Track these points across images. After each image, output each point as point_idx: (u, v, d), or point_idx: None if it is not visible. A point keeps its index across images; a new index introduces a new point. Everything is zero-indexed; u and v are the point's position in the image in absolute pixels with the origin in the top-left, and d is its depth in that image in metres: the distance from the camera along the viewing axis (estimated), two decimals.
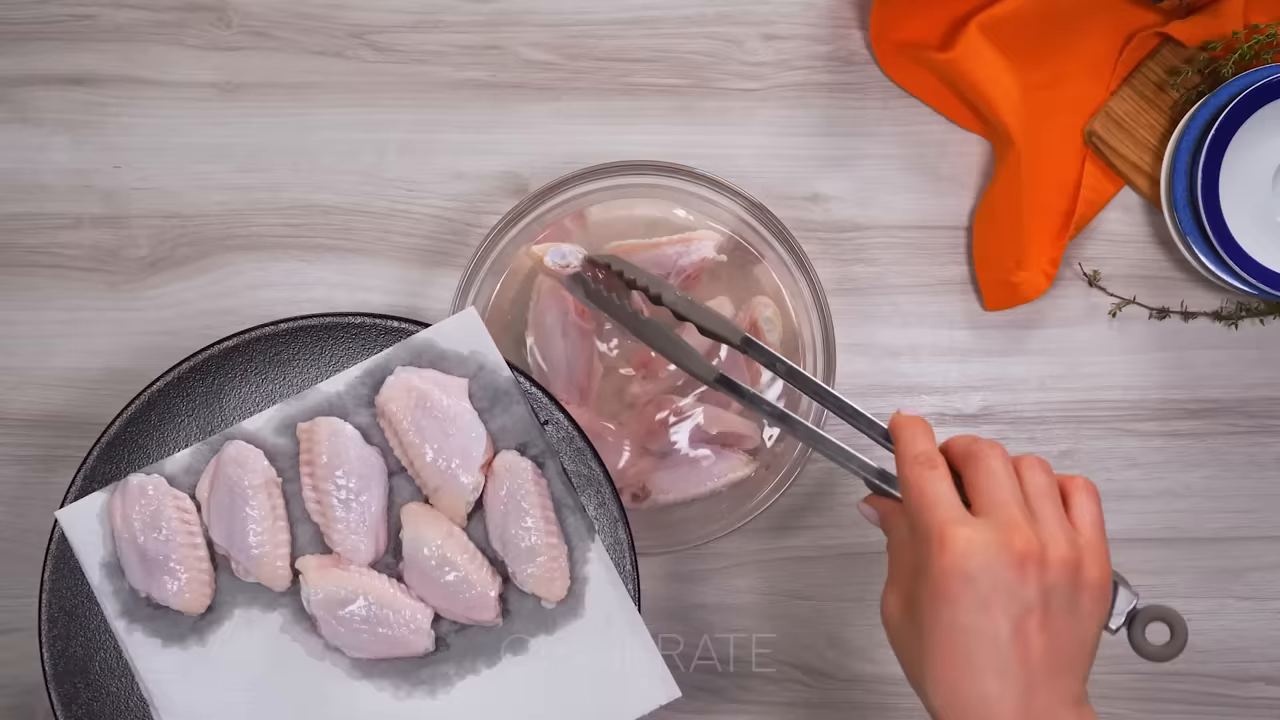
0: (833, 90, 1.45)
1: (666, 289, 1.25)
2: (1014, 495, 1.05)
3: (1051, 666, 1.01)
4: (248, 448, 1.24)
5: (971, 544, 1.01)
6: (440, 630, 1.25)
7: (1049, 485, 1.07)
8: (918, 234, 1.44)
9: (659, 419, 1.37)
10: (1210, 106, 1.38)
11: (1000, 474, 1.06)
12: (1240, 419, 1.44)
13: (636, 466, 1.38)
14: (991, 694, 1.00)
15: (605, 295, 1.29)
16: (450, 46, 1.44)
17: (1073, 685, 1.02)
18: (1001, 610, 1.00)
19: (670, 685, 1.25)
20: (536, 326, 1.37)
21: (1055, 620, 1.02)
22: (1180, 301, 1.44)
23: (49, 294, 1.43)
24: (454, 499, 1.23)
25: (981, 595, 1.00)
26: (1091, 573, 1.03)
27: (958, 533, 1.01)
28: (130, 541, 1.23)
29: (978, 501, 1.05)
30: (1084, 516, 1.06)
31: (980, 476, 1.06)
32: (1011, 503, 1.04)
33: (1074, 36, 1.42)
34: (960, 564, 1.00)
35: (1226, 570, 1.44)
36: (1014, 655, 1.00)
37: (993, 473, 1.06)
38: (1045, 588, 1.01)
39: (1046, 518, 1.04)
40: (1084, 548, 1.04)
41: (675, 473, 1.37)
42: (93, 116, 1.44)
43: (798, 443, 1.35)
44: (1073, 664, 1.02)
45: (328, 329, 1.26)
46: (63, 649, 1.25)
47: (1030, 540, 1.02)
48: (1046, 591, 1.01)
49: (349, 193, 1.44)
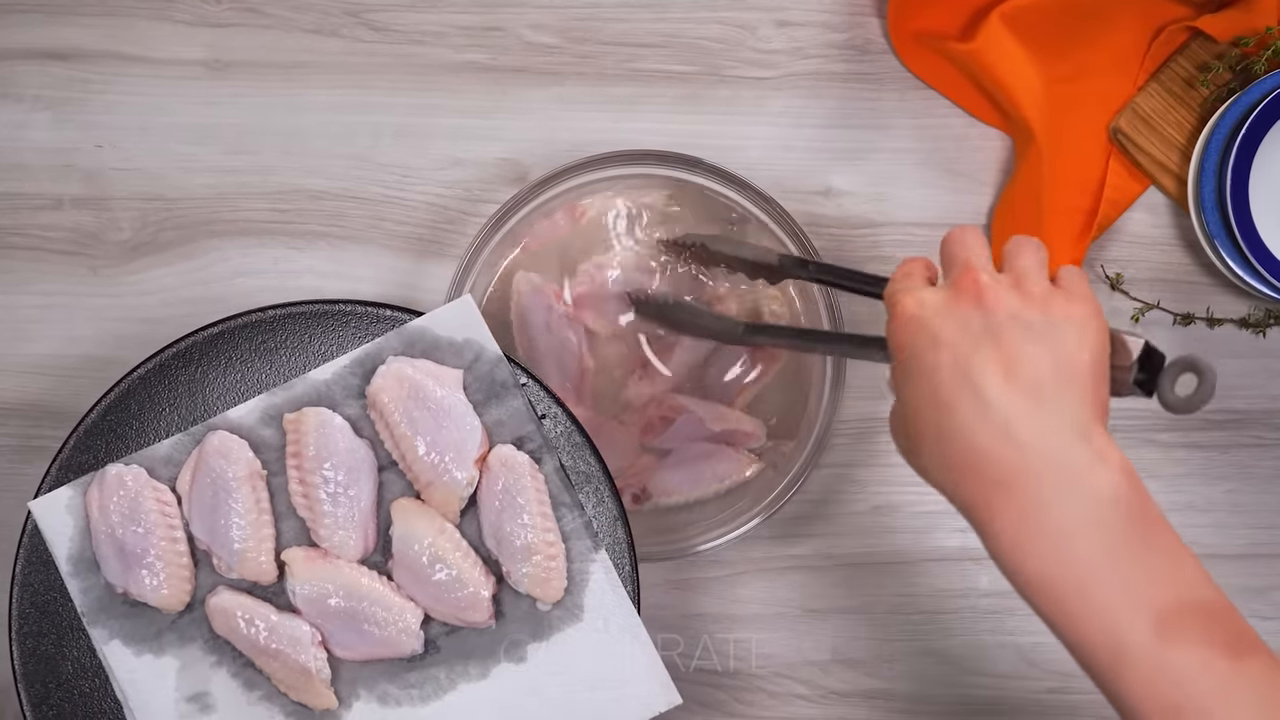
0: (848, 80, 1.45)
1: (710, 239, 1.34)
2: (978, 256, 1.02)
3: (1033, 393, 0.96)
4: (231, 438, 1.24)
5: (921, 299, 1.01)
6: (430, 632, 1.24)
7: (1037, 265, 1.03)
8: (934, 232, 1.44)
9: (659, 417, 1.36)
10: (1241, 105, 1.37)
11: (966, 239, 1.04)
12: (1266, 431, 1.44)
13: (636, 466, 1.37)
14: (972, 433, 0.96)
15: None
16: (449, 27, 1.44)
17: (1068, 413, 0.97)
18: (956, 339, 0.98)
19: (671, 691, 1.24)
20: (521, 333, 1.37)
21: (1022, 344, 0.98)
22: (1206, 307, 1.44)
23: (26, 277, 1.43)
24: (447, 494, 1.23)
25: (932, 332, 0.99)
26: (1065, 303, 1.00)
27: (908, 295, 1.02)
28: (107, 534, 1.22)
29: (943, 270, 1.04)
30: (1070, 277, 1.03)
31: (947, 248, 1.05)
32: (973, 259, 1.02)
33: (1100, 29, 1.42)
34: (911, 312, 1.00)
35: (1249, 588, 1.43)
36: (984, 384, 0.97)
37: (958, 239, 1.04)
38: (1006, 314, 0.98)
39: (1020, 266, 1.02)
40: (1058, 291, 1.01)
41: (677, 473, 1.37)
42: (74, 93, 1.44)
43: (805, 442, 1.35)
44: (1062, 390, 0.97)
45: (317, 316, 1.26)
46: (33, 647, 1.24)
47: (982, 279, 0.99)
48: (1008, 317, 0.98)
49: (341, 178, 1.44)
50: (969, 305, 0.99)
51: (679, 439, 1.37)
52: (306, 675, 1.22)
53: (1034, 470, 0.95)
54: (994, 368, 0.97)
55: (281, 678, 1.23)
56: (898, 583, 1.43)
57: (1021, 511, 0.95)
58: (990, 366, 0.97)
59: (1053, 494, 0.95)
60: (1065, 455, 0.96)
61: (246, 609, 1.23)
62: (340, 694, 1.24)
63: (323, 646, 1.23)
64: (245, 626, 1.22)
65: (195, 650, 1.24)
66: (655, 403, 1.37)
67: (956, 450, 0.97)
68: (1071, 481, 0.95)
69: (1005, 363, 0.97)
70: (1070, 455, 0.96)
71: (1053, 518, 0.95)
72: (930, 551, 1.43)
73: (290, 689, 1.23)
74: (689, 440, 1.37)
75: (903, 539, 1.43)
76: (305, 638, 1.22)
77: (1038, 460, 0.95)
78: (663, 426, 1.37)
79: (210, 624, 1.23)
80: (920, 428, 1.00)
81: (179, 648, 1.24)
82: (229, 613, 1.22)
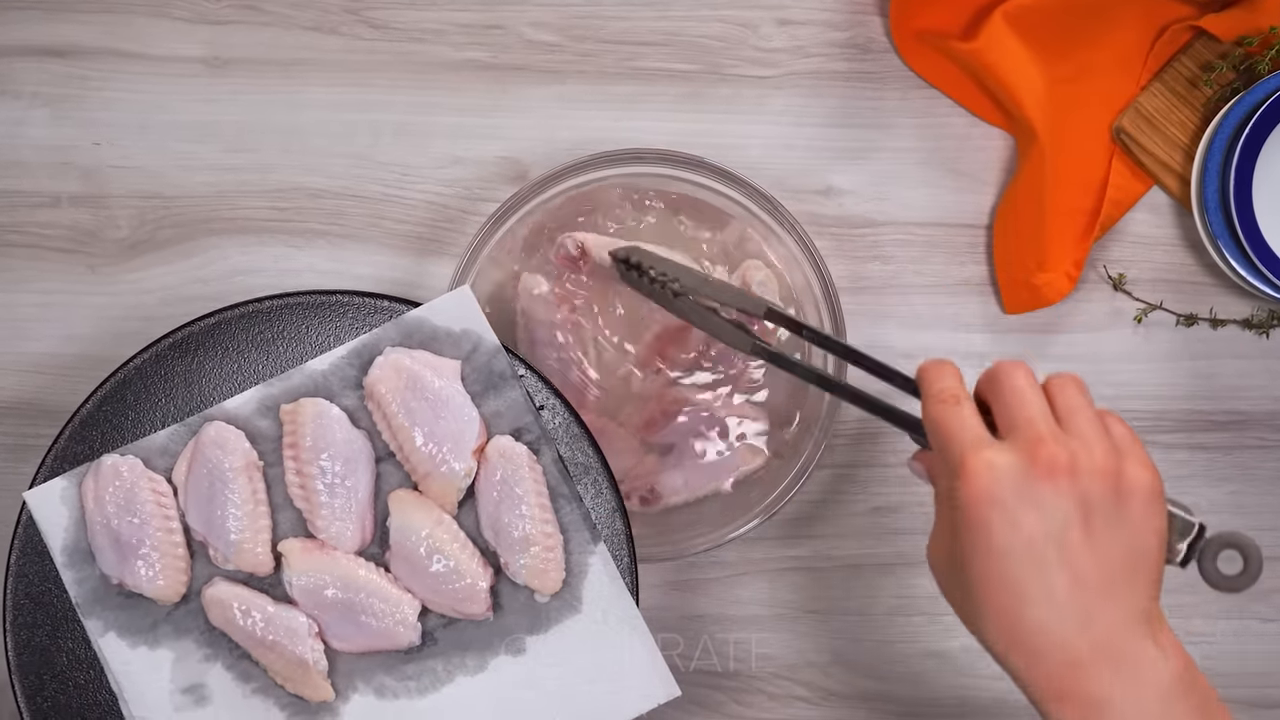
0: (849, 79, 1.45)
1: (685, 274, 1.28)
2: (1040, 411, 1.01)
3: (1107, 583, 0.98)
4: (228, 429, 1.24)
5: (993, 466, 0.98)
6: (428, 624, 1.24)
7: (1082, 401, 1.03)
8: (935, 231, 1.44)
9: (660, 411, 1.36)
10: (1245, 104, 1.37)
11: (1023, 390, 1.02)
12: (1269, 433, 1.44)
13: (642, 467, 1.37)
14: (1046, 621, 0.97)
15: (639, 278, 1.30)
16: (450, 25, 1.44)
17: (1137, 601, 0.98)
18: (1035, 527, 0.97)
19: (670, 683, 1.24)
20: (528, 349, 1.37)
21: (1100, 532, 0.98)
22: (1209, 308, 1.44)
23: (24, 275, 1.43)
24: (445, 485, 1.23)
25: (1011, 516, 0.97)
26: (1135, 477, 1.00)
27: (979, 457, 0.99)
28: (103, 525, 1.22)
29: (1002, 424, 1.02)
30: (1117, 429, 1.02)
31: (1003, 398, 1.03)
32: (1038, 419, 1.00)
33: (1103, 28, 1.42)
34: (985, 487, 0.98)
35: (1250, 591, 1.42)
36: (1060, 575, 0.97)
37: (1015, 390, 1.03)
38: (1082, 499, 0.98)
39: (1081, 430, 1.01)
40: (1124, 453, 1.00)
41: (684, 471, 1.36)
42: (73, 90, 1.44)
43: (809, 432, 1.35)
44: (1133, 577, 0.99)
45: (314, 307, 1.26)
46: (28, 639, 1.23)
47: (1056, 451, 0.98)
48: (1084, 503, 0.98)
49: (341, 176, 1.44)
50: (1046, 486, 0.98)
51: (682, 433, 1.37)
52: (303, 667, 1.22)
53: (1103, 661, 0.97)
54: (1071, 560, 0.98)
55: (278, 669, 1.22)
56: (898, 584, 1.43)
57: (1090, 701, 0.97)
58: (1068, 558, 0.98)
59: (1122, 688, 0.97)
60: (1135, 648, 0.98)
61: (243, 600, 1.22)
62: (337, 686, 1.23)
63: (320, 638, 1.22)
64: (242, 618, 1.22)
65: (191, 642, 1.24)
66: (656, 398, 1.36)
67: (1025, 631, 0.98)
68: (1139, 674, 0.97)
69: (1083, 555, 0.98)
70: (1139, 648, 0.98)
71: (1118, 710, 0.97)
72: None
73: (287, 681, 1.22)
74: (690, 434, 1.37)
75: (903, 540, 1.43)
76: (302, 629, 1.22)
77: (1108, 652, 0.97)
78: (665, 421, 1.36)
79: (206, 615, 1.23)
80: (984, 599, 1.00)
81: (174, 639, 1.23)
82: (225, 604, 1.22)
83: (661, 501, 1.37)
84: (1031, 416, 1.01)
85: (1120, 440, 1.02)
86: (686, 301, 1.27)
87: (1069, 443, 0.99)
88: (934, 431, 1.03)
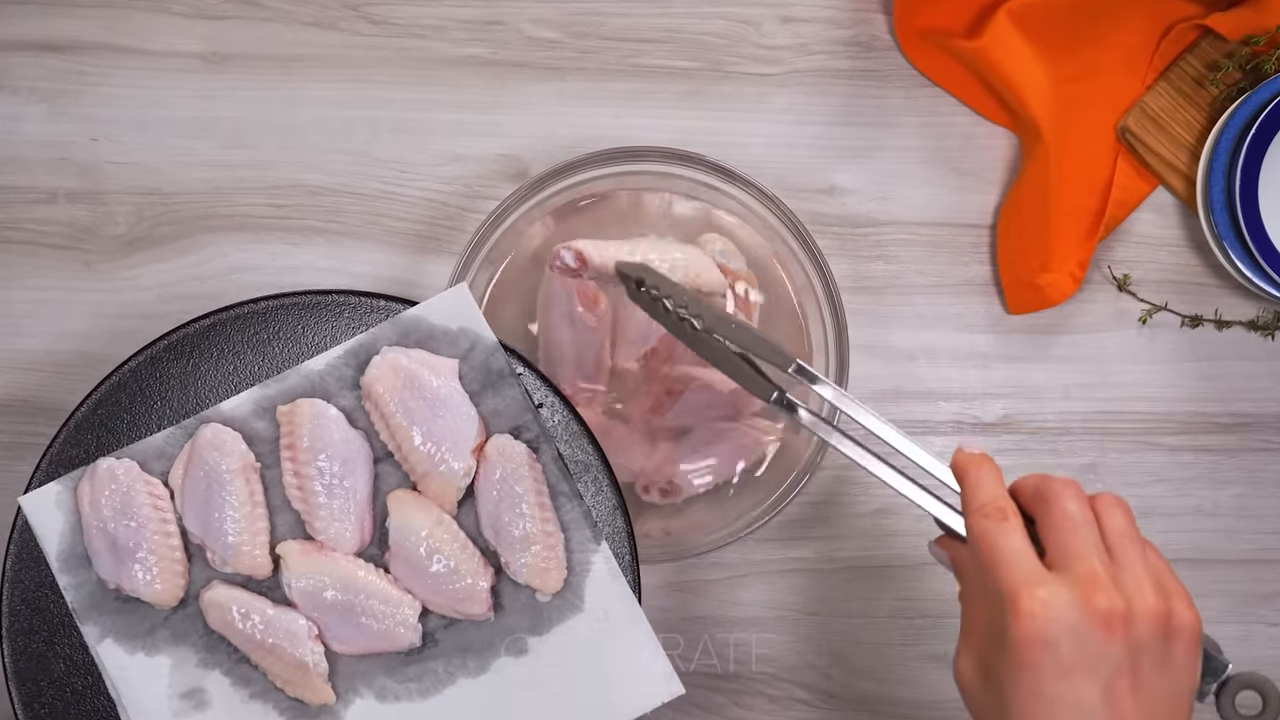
0: (853, 77, 1.45)
1: (708, 311, 1.21)
2: (1093, 543, 1.00)
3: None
4: (224, 431, 1.23)
5: (1049, 607, 0.96)
6: (429, 625, 1.24)
7: (1129, 527, 1.02)
8: (939, 231, 1.44)
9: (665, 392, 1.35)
10: (1251, 104, 1.37)
11: (1077, 518, 1.01)
12: (1275, 435, 1.44)
13: (656, 459, 1.37)
14: None
15: (652, 301, 1.23)
16: (450, 21, 1.44)
17: None
18: (1088, 676, 0.96)
19: (673, 681, 1.24)
20: (543, 316, 1.36)
21: (1147, 679, 0.97)
22: (1214, 309, 1.44)
23: (20, 272, 1.43)
24: (444, 485, 1.23)
25: (1064, 662, 0.96)
26: (1184, 619, 0.99)
27: (1034, 594, 0.96)
28: (99, 529, 1.22)
29: (1053, 552, 1.00)
30: (1156, 561, 1.02)
31: (1054, 522, 1.01)
32: (1090, 553, 0.99)
33: (1108, 27, 1.42)
34: (1039, 629, 0.96)
35: (1256, 594, 1.43)
36: None
37: (1069, 516, 1.01)
38: (1134, 645, 0.97)
39: (1129, 565, 0.99)
40: (1170, 594, 1.00)
41: (699, 459, 1.36)
42: (70, 85, 1.43)
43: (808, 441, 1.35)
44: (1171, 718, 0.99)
45: (310, 307, 1.26)
46: (24, 645, 1.23)
47: (1114, 597, 0.97)
48: (1135, 649, 0.97)
49: (339, 173, 1.43)
50: (1101, 634, 0.97)
51: (690, 411, 1.37)
52: (303, 670, 1.21)
53: None
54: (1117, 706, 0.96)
55: (278, 673, 1.22)
56: (899, 586, 1.43)
57: None
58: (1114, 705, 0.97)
59: None
60: None
61: (242, 603, 1.22)
62: (338, 689, 1.23)
63: (319, 640, 1.22)
64: (240, 621, 1.22)
65: (189, 646, 1.23)
66: (660, 378, 1.36)
67: None
68: None
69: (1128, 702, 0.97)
70: None
71: None
72: None
73: (287, 684, 1.22)
74: (701, 414, 1.37)
75: (904, 542, 1.43)
76: (302, 631, 1.21)
77: None
78: (671, 402, 1.36)
79: (205, 619, 1.23)
80: None
81: (172, 644, 1.23)
82: (224, 607, 1.22)
83: (681, 492, 1.37)
84: (1084, 550, 0.99)
85: (1163, 577, 1.01)
86: (704, 337, 1.21)
87: (1124, 585, 0.98)
88: (982, 550, 1.01)
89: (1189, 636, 0.99)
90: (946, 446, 1.42)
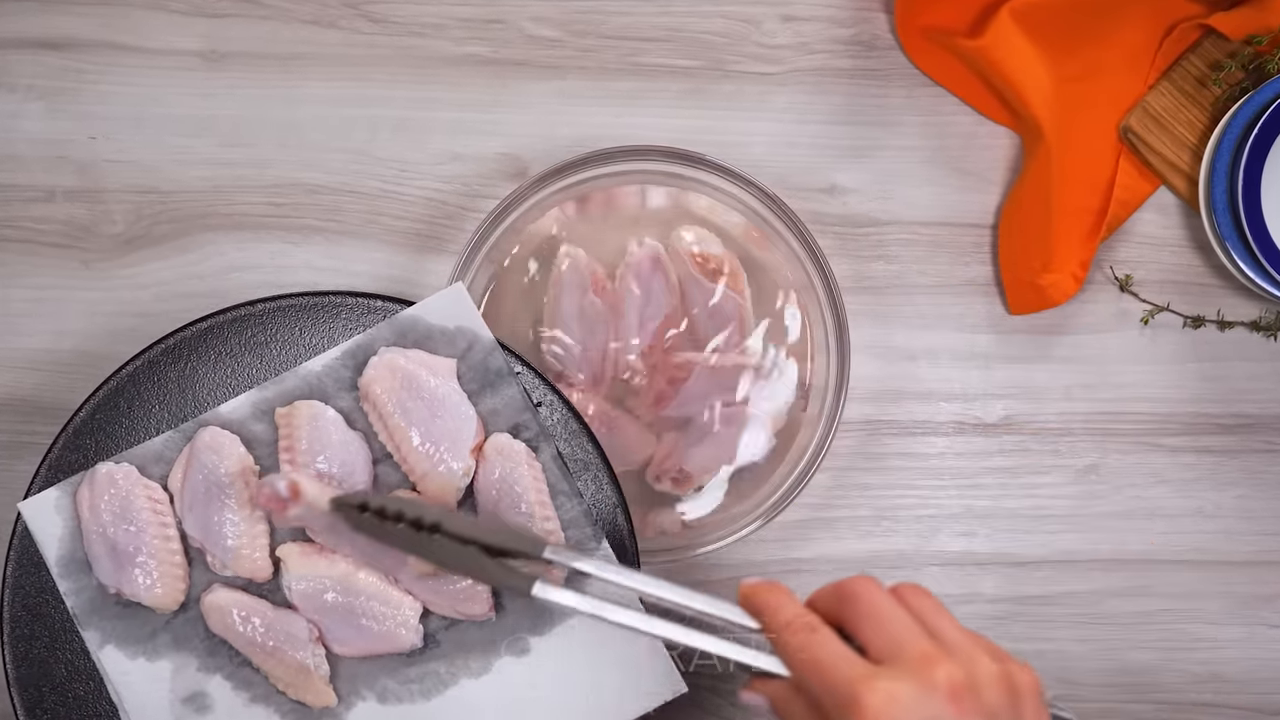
0: (854, 76, 1.44)
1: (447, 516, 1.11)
2: (911, 626, 0.96)
3: None
4: (223, 434, 1.23)
5: (895, 699, 0.91)
6: (430, 627, 1.24)
7: (939, 605, 0.99)
8: (940, 231, 1.44)
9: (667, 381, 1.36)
10: (1254, 104, 1.37)
11: (889, 606, 0.97)
12: (1277, 436, 1.44)
13: (664, 450, 1.37)
14: None
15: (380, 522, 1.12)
16: (450, 19, 1.43)
17: None
18: None
19: (676, 680, 1.24)
20: (551, 308, 1.37)
21: None
22: (1217, 310, 1.44)
23: (18, 271, 1.42)
24: (443, 485, 1.23)
25: None
26: (1023, 678, 0.96)
27: (875, 689, 0.91)
28: (99, 534, 1.22)
29: (876, 645, 0.95)
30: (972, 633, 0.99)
31: (867, 616, 0.97)
32: (916, 635, 0.95)
33: (1111, 26, 1.41)
34: None
35: (1258, 596, 1.43)
36: None
37: (879, 608, 0.97)
38: (987, 713, 0.93)
39: (954, 639, 0.96)
40: (999, 656, 0.97)
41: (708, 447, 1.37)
42: (68, 83, 1.43)
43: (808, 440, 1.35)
44: None
45: (307, 309, 1.26)
46: (25, 651, 1.23)
47: (953, 670, 0.93)
48: (989, 717, 0.93)
49: (338, 172, 1.43)
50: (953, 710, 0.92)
51: (694, 399, 1.37)
52: (305, 672, 1.21)
53: None
54: None
55: (279, 675, 1.22)
56: None
57: None
58: None
59: None
60: None
61: (242, 606, 1.22)
62: (339, 691, 1.23)
63: (320, 642, 1.22)
64: (241, 624, 1.22)
65: (190, 650, 1.23)
66: (660, 370, 1.36)
67: None
68: None
69: None
70: None
71: None
72: (933, 556, 1.42)
73: (289, 687, 1.22)
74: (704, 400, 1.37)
75: (905, 543, 1.43)
76: (303, 634, 1.21)
77: None
78: (674, 390, 1.36)
79: (205, 623, 1.23)
80: None
81: (174, 648, 1.23)
82: (224, 610, 1.22)
83: (694, 481, 1.37)
84: (908, 634, 0.95)
85: (987, 643, 0.98)
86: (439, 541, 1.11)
87: (958, 658, 0.95)
88: (801, 666, 0.97)
89: (1033, 694, 0.96)
90: (948, 447, 1.42)
